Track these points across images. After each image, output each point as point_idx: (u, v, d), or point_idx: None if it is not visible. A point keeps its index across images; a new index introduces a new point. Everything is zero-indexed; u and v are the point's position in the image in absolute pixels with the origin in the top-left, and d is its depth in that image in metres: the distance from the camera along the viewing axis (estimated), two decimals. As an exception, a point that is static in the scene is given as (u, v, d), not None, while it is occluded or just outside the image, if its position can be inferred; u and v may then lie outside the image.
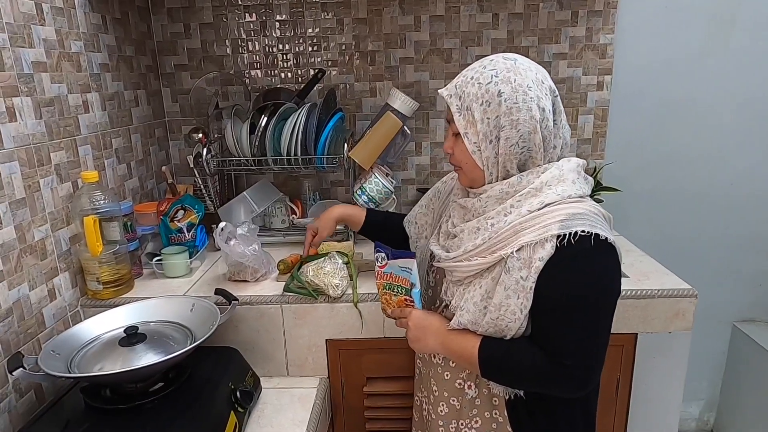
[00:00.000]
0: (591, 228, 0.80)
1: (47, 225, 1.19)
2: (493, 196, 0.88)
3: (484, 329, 0.88)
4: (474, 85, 0.85)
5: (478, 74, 0.86)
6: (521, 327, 0.86)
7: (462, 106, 0.86)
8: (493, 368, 0.90)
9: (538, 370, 0.86)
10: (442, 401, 1.01)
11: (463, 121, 0.87)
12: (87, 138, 1.35)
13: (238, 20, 1.72)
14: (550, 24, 1.70)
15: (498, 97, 0.84)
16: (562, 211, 0.82)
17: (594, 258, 0.81)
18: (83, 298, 1.30)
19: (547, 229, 0.81)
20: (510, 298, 0.84)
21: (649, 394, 1.34)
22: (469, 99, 0.85)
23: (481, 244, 0.87)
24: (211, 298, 1.25)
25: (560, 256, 0.80)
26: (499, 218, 0.87)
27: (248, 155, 1.57)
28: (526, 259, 0.82)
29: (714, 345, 2.01)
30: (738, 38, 1.72)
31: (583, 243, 0.80)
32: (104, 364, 1.03)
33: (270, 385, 1.29)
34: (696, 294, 1.26)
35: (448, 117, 0.91)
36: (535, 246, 0.81)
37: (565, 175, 0.86)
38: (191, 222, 1.48)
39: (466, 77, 0.88)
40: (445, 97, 0.89)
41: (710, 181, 1.85)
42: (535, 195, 0.85)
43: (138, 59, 1.62)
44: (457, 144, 0.90)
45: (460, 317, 0.90)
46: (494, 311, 0.86)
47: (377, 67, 1.74)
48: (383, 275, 1.01)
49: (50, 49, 1.21)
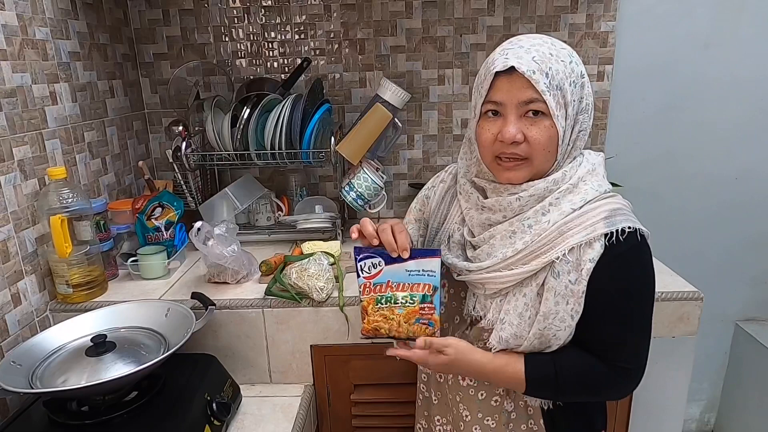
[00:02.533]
0: (633, 224, 0.77)
1: (10, 225, 1.11)
2: (536, 195, 0.80)
3: (530, 342, 0.80)
4: (558, 62, 0.76)
5: (556, 51, 0.77)
6: (569, 336, 0.80)
7: (551, 85, 0.75)
8: (544, 388, 0.83)
9: (595, 378, 0.81)
10: (476, 425, 0.91)
11: (554, 101, 0.75)
12: (55, 131, 1.26)
13: (220, 6, 1.63)
14: (548, 10, 1.62)
15: (581, 78, 0.79)
16: (603, 207, 0.79)
17: (643, 254, 0.78)
18: (53, 302, 1.23)
19: (594, 228, 0.77)
20: (559, 305, 0.78)
21: (651, 402, 1.27)
22: (559, 77, 0.75)
23: (523, 248, 0.79)
24: (187, 302, 1.17)
25: (610, 255, 0.76)
26: (537, 218, 0.80)
27: (230, 149, 1.49)
28: (575, 262, 0.77)
29: (716, 344, 1.96)
30: (746, 26, 1.65)
31: (629, 240, 0.77)
32: (69, 377, 0.96)
33: (252, 393, 1.22)
34: (702, 297, 1.20)
35: (501, 96, 0.77)
36: (583, 247, 0.77)
37: (597, 169, 0.83)
38: (169, 220, 1.40)
39: (542, 52, 0.75)
40: (526, 73, 0.74)
41: (715, 176, 1.78)
42: (573, 191, 0.80)
43: (113, 47, 1.53)
44: (536, 127, 0.77)
45: (501, 332, 0.81)
46: (542, 321, 0.79)
47: (367, 55, 1.66)
48: (374, 287, 0.82)
49: (11, 36, 1.12)
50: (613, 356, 0.80)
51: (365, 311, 0.85)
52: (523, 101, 0.76)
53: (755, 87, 1.70)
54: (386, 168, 1.72)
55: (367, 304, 0.84)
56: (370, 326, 0.85)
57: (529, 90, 0.75)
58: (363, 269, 0.83)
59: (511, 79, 0.76)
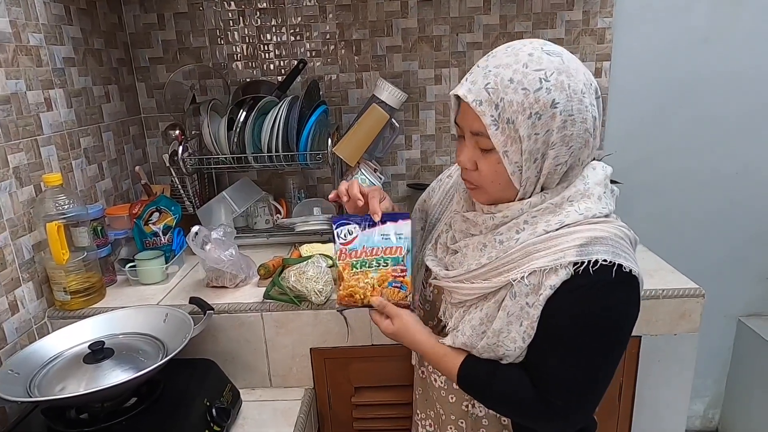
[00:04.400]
0: (613, 257, 0.69)
1: (6, 233, 1.10)
2: (510, 216, 0.76)
3: (479, 353, 0.79)
4: (517, 92, 0.68)
5: (521, 75, 0.68)
6: (519, 357, 0.76)
7: (500, 118, 0.68)
8: (473, 390, 0.82)
9: (523, 401, 0.77)
10: (450, 424, 0.92)
11: (501, 136, 0.69)
12: (51, 138, 1.26)
13: (215, 9, 1.63)
14: (544, 8, 1.61)
15: (552, 109, 0.68)
16: (582, 234, 0.71)
17: (612, 292, 0.70)
18: (50, 309, 1.22)
19: (563, 254, 0.70)
20: (512, 324, 0.74)
21: (653, 400, 1.27)
22: (512, 110, 0.68)
23: (487, 263, 0.76)
24: (186, 307, 1.17)
25: (574, 285, 0.70)
26: (510, 235, 0.76)
27: (227, 152, 1.48)
28: (535, 285, 0.72)
29: (719, 341, 1.95)
30: (745, 20, 1.63)
31: (601, 274, 0.68)
32: (67, 384, 0.95)
33: (252, 397, 1.21)
34: (703, 293, 1.19)
35: (460, 121, 0.75)
36: (547, 272, 0.71)
37: (591, 190, 0.74)
38: (167, 225, 1.40)
39: (501, 78, 0.69)
40: (472, 104, 0.70)
41: (715, 172, 1.77)
42: (554, 212, 0.74)
43: (108, 52, 1.53)
44: (485, 160, 0.73)
45: (454, 337, 0.81)
46: (492, 337, 0.76)
47: (363, 56, 1.65)
48: (349, 253, 0.85)
49: (4, 42, 1.12)
50: (545, 386, 0.75)
51: (341, 277, 0.86)
52: (471, 132, 0.73)
53: (755, 81, 1.68)
54: (384, 169, 1.72)
55: (342, 269, 0.86)
56: (346, 292, 0.86)
57: (477, 122, 0.71)
58: (339, 236, 0.86)
59: (466, 105, 0.72)
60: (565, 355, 0.73)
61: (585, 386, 0.74)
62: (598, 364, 0.73)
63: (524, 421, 0.82)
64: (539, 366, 0.76)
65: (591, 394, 0.75)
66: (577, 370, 0.73)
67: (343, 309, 0.88)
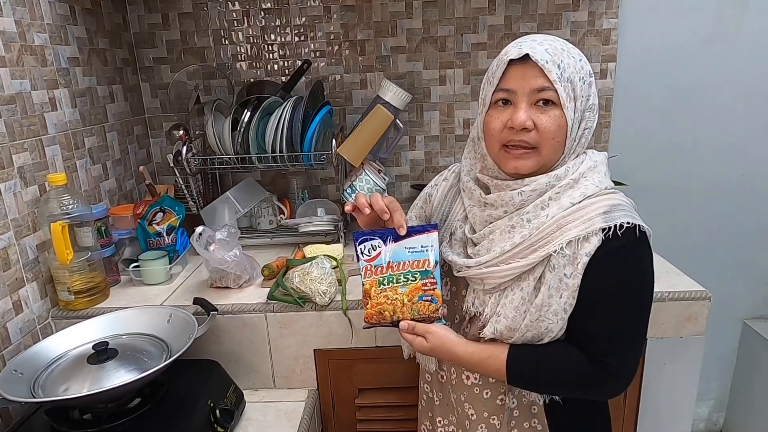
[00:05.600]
0: (633, 219, 0.77)
1: (10, 232, 1.10)
2: (538, 189, 0.80)
3: (522, 334, 0.81)
4: (570, 57, 0.78)
5: (565, 46, 0.79)
6: (561, 329, 0.80)
7: (562, 77, 0.76)
8: (525, 381, 0.83)
9: (577, 372, 0.80)
10: (481, 423, 0.91)
11: (564, 92, 0.77)
12: (55, 137, 1.25)
13: (219, 9, 1.63)
14: (550, 8, 1.60)
15: (590, 77, 0.80)
16: (603, 202, 0.79)
17: (638, 250, 0.78)
18: (54, 309, 1.22)
19: (592, 222, 0.77)
20: (553, 298, 0.78)
21: (659, 402, 1.26)
22: (570, 71, 0.77)
23: (521, 242, 0.80)
24: (189, 308, 1.16)
25: (605, 250, 0.76)
26: (536, 213, 0.80)
27: (231, 153, 1.48)
28: (572, 255, 0.77)
29: (724, 343, 1.94)
30: (750, 21, 1.63)
31: (627, 235, 0.76)
32: (71, 385, 0.95)
33: (255, 398, 1.21)
34: (710, 296, 1.18)
35: (513, 84, 0.78)
36: (581, 241, 0.77)
37: (599, 166, 0.83)
38: (171, 225, 1.40)
39: (554, 46, 0.78)
40: (540, 61, 0.76)
41: (720, 174, 1.76)
42: (574, 186, 0.81)
43: (113, 52, 1.53)
44: (546, 115, 0.77)
45: (496, 324, 0.82)
46: (535, 312, 0.79)
47: (367, 57, 1.65)
48: (375, 269, 0.81)
49: (9, 42, 1.12)
50: (596, 350, 0.79)
51: (368, 295, 0.84)
52: (535, 89, 0.77)
53: (761, 82, 1.68)
54: (388, 169, 1.71)
55: (369, 287, 0.83)
56: (374, 310, 0.83)
57: (541, 78, 0.77)
58: (363, 252, 0.83)
59: (524, 67, 0.77)
60: (608, 315, 0.78)
61: (630, 340, 0.80)
62: (636, 317, 0.80)
63: (584, 393, 0.84)
64: (585, 332, 0.80)
65: (637, 346, 0.81)
66: (621, 327, 0.79)
67: (370, 327, 0.86)
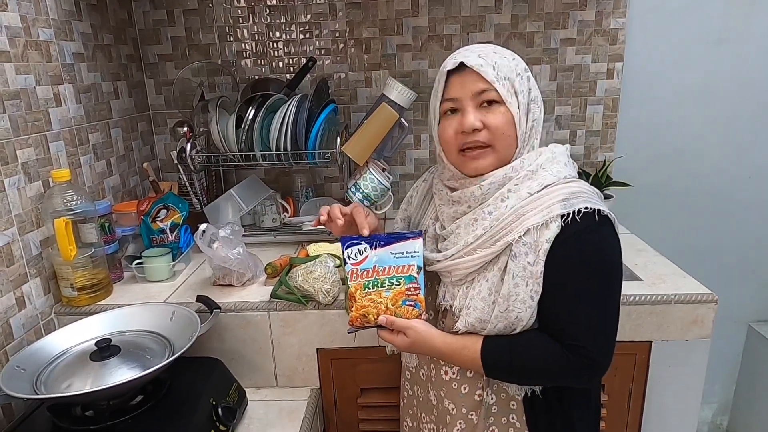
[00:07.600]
0: (592, 204, 0.79)
1: (14, 228, 1.10)
2: (496, 182, 0.84)
3: (494, 325, 0.82)
4: (502, 58, 0.83)
5: (497, 50, 0.85)
6: (531, 317, 0.81)
7: (498, 76, 0.82)
8: (501, 371, 0.84)
9: (551, 360, 0.80)
10: (459, 419, 0.91)
11: (504, 89, 0.82)
12: (60, 133, 1.25)
13: (225, 6, 1.62)
14: (557, 7, 1.59)
15: (526, 73, 0.85)
16: (562, 190, 0.81)
17: (599, 233, 0.80)
18: (57, 306, 1.22)
19: (550, 210, 0.79)
20: (519, 287, 0.80)
21: (663, 406, 1.25)
22: (505, 69, 0.82)
23: (482, 234, 0.83)
24: (192, 305, 1.16)
25: (565, 235, 0.78)
26: (497, 205, 0.84)
27: (235, 150, 1.48)
28: (533, 243, 0.80)
29: (728, 346, 1.93)
30: (758, 21, 1.61)
31: (586, 220, 0.78)
32: (73, 381, 0.95)
33: (257, 397, 1.20)
34: (716, 299, 1.17)
35: (455, 93, 0.83)
36: (540, 228, 0.79)
37: (558, 157, 0.86)
38: (174, 222, 1.39)
39: (486, 52, 0.84)
40: (475, 67, 0.81)
41: (727, 175, 1.75)
42: (532, 177, 0.84)
43: (118, 48, 1.52)
44: (492, 114, 0.83)
45: (467, 317, 0.84)
46: (503, 302, 0.81)
47: (373, 55, 1.64)
48: (361, 273, 0.84)
49: (14, 37, 1.12)
50: (567, 335, 0.80)
51: (353, 298, 0.86)
52: (476, 92, 0.82)
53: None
54: (393, 168, 1.71)
55: (354, 290, 0.86)
56: (358, 313, 0.86)
57: (480, 82, 0.82)
58: (350, 256, 0.85)
59: (462, 75, 0.83)
60: (576, 300, 0.80)
61: (602, 322, 0.81)
62: (604, 299, 0.81)
63: (560, 380, 0.85)
64: (555, 319, 0.81)
65: (608, 328, 0.82)
66: (590, 309, 0.80)
67: (355, 331, 0.88)
